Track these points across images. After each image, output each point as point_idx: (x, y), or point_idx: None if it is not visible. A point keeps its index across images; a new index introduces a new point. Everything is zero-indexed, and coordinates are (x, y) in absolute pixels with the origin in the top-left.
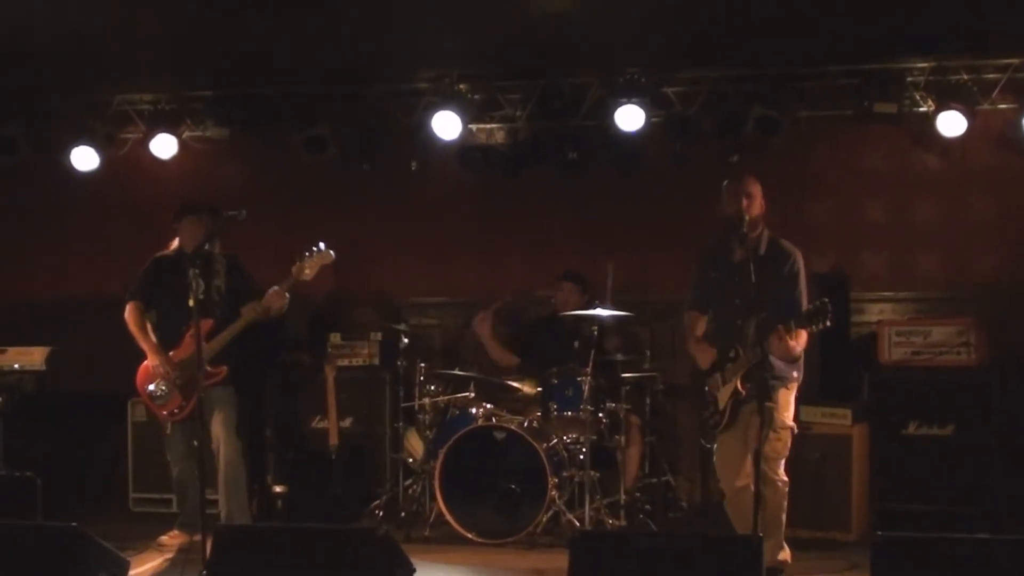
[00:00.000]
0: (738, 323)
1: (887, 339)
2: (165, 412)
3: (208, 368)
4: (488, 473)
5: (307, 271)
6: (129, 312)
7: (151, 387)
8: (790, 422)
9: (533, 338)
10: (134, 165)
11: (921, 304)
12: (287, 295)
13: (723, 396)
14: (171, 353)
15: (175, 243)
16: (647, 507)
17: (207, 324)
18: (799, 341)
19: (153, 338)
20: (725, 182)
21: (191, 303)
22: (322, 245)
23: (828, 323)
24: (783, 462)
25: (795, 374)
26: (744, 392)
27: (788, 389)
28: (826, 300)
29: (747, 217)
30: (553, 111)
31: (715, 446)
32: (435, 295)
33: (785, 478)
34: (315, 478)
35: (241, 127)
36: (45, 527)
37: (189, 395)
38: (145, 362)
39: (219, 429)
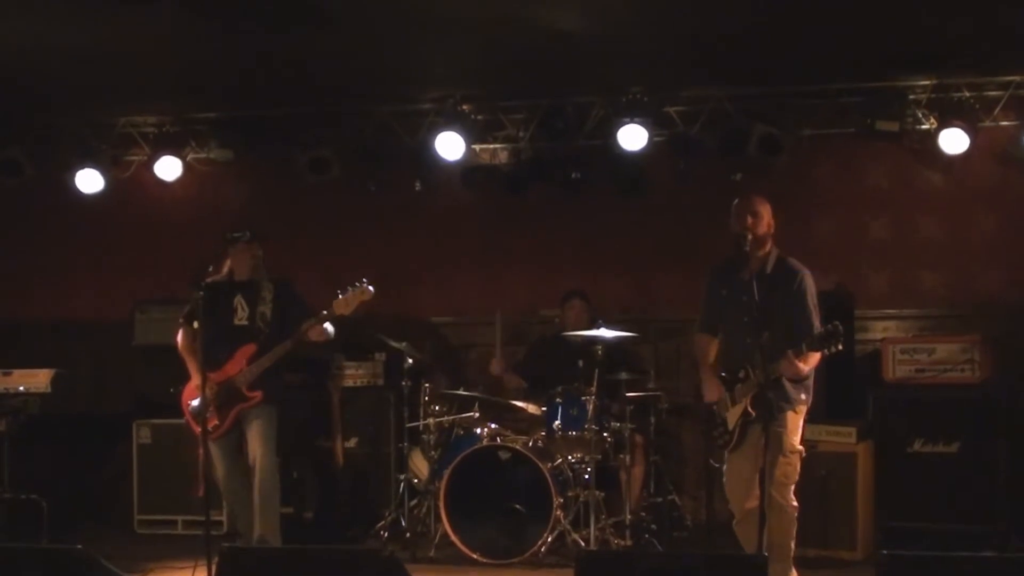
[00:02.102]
0: (747, 342)
1: (891, 357)
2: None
3: (245, 392)
4: (493, 493)
5: (345, 308)
6: (180, 337)
7: (193, 403)
8: (799, 446)
9: (539, 359)
10: (138, 187)
11: (925, 321)
12: (328, 328)
13: (732, 416)
14: (211, 375)
15: (227, 265)
16: (652, 527)
17: (249, 349)
18: (808, 363)
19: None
20: (735, 201)
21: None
22: (364, 281)
23: (840, 347)
24: (792, 487)
25: (803, 396)
26: (754, 413)
27: (797, 412)
28: (838, 323)
29: (750, 236)
30: (556, 131)
31: (724, 467)
32: (439, 315)
33: (795, 503)
34: (320, 499)
35: (245, 148)
36: (50, 549)
37: (224, 415)
38: (191, 380)
39: (256, 444)
